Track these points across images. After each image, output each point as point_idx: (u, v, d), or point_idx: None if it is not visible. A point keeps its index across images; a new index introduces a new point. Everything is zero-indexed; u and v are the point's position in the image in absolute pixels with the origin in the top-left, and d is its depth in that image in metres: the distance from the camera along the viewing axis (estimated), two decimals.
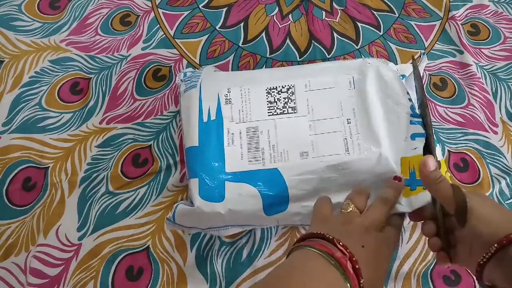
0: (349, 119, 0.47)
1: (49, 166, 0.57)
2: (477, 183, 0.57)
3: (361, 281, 0.30)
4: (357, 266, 0.30)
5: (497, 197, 0.56)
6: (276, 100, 0.49)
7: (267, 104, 0.49)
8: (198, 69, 0.61)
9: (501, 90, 0.65)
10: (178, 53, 0.67)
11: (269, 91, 0.50)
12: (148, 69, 0.65)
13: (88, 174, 0.56)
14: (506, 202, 0.54)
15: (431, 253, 0.52)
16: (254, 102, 0.50)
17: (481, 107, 0.63)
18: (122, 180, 0.56)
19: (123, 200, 0.55)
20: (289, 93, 0.50)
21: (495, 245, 0.30)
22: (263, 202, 0.45)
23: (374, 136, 0.46)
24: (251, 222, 0.49)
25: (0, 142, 0.58)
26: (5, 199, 0.55)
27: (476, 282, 0.50)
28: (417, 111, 0.48)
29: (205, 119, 0.49)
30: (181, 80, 0.55)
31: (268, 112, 0.49)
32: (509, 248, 0.29)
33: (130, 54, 0.67)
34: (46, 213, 0.54)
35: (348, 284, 0.29)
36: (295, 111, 0.49)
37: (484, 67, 0.67)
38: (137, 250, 0.52)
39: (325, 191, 0.45)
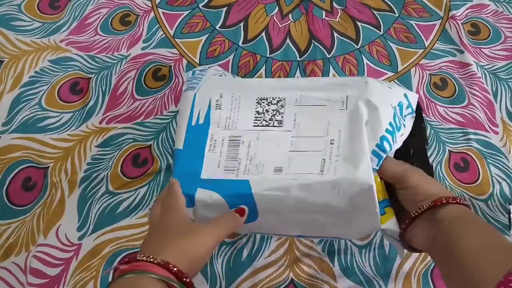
0: (333, 139, 0.45)
1: (49, 166, 0.57)
2: (477, 183, 0.57)
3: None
4: (175, 269, 0.31)
5: (497, 197, 0.56)
6: (264, 111, 0.48)
7: (255, 114, 0.48)
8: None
9: (501, 89, 0.65)
10: (178, 52, 0.67)
11: (260, 101, 0.49)
12: (148, 69, 0.65)
13: (88, 174, 0.56)
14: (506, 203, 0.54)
15: None
16: (243, 111, 0.48)
17: (481, 106, 0.63)
18: (122, 180, 0.56)
19: (123, 200, 0.55)
20: (278, 105, 0.48)
21: (429, 203, 0.34)
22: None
23: (353, 159, 0.43)
24: None
25: (0, 142, 0.58)
26: (5, 199, 0.55)
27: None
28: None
29: (193, 122, 0.48)
30: (187, 78, 0.54)
31: (254, 123, 0.48)
32: (437, 210, 0.34)
33: (130, 54, 0.67)
34: (46, 213, 0.54)
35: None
36: (281, 124, 0.47)
37: (485, 67, 0.67)
38: (137, 250, 0.52)
39: (295, 211, 0.43)
